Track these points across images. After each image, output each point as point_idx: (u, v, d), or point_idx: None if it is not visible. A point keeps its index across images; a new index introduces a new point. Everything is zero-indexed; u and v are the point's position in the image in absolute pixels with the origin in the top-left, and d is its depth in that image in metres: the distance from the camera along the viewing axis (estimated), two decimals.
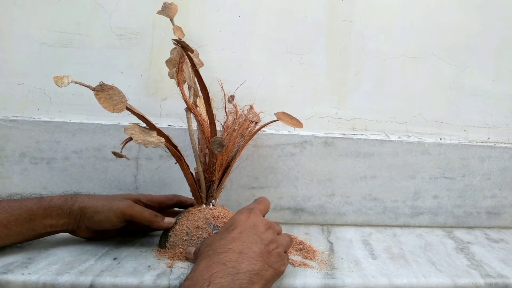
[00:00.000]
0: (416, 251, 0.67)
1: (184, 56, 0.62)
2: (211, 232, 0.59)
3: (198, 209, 0.63)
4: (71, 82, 0.53)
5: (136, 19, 0.75)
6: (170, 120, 0.76)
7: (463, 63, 0.82)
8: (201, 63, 0.71)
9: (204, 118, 0.64)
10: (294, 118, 0.65)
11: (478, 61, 0.82)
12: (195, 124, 0.65)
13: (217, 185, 0.64)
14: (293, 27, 0.77)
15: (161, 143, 0.55)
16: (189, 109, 0.64)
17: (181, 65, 0.63)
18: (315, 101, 0.79)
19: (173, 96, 0.75)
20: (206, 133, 0.63)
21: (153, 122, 0.59)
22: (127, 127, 0.54)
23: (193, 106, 0.64)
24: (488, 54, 0.82)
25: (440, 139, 0.82)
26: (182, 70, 0.63)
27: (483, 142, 0.83)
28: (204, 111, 0.64)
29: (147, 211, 0.60)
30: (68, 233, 0.60)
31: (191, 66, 0.61)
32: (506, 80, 0.83)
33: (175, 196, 0.68)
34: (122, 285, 0.51)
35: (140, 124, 0.58)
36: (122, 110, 0.55)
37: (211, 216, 0.61)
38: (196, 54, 0.71)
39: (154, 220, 0.60)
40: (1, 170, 0.72)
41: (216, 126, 0.62)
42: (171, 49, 0.64)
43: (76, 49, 0.74)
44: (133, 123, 0.56)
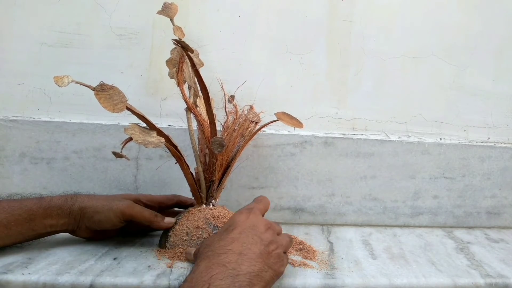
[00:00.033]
0: (416, 251, 0.67)
1: (184, 56, 0.62)
2: (211, 232, 0.59)
3: (198, 209, 0.63)
4: (71, 82, 0.53)
5: (136, 19, 0.75)
6: (170, 120, 0.76)
7: (463, 63, 0.82)
8: (201, 63, 0.71)
9: (204, 118, 0.64)
10: (294, 118, 0.65)
11: (478, 61, 0.82)
12: (195, 124, 0.65)
13: (217, 185, 0.64)
14: (293, 27, 0.77)
15: (161, 143, 0.55)
16: (189, 109, 0.64)
17: (181, 65, 0.63)
18: (315, 101, 0.79)
19: (173, 96, 0.75)
20: (206, 133, 0.63)
21: (153, 122, 0.59)
22: (127, 127, 0.54)
23: (193, 106, 0.64)
24: (488, 54, 0.82)
25: (440, 139, 0.82)
26: (182, 70, 0.63)
27: (483, 142, 0.83)
28: (204, 111, 0.64)
29: (147, 211, 0.60)
30: (68, 233, 0.60)
31: (191, 66, 0.61)
32: (506, 80, 0.83)
33: (175, 196, 0.68)
34: (122, 285, 0.51)
35: (140, 124, 0.58)
36: (122, 110, 0.55)
37: (211, 216, 0.61)
38: (196, 54, 0.71)
39: (154, 220, 0.60)
40: (1, 170, 0.72)
41: (216, 126, 0.62)
42: (171, 49, 0.64)
43: (76, 49, 0.74)
44: (133, 123, 0.56)
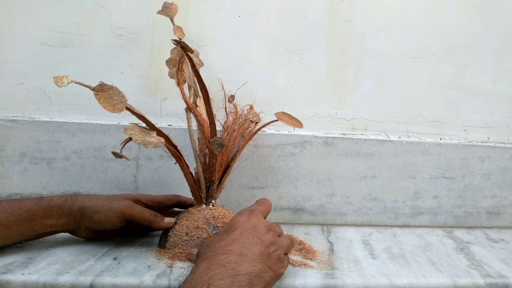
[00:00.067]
0: (416, 251, 0.67)
1: (184, 56, 0.62)
2: (211, 232, 0.59)
3: (198, 209, 0.63)
4: (71, 82, 0.53)
5: (136, 19, 0.75)
6: (170, 120, 0.76)
7: (463, 63, 0.82)
8: (201, 63, 0.71)
9: (204, 118, 0.64)
10: (294, 118, 0.65)
11: (478, 61, 0.82)
12: (195, 124, 0.65)
13: (217, 185, 0.64)
14: (293, 27, 0.77)
15: (161, 143, 0.55)
16: (189, 109, 0.64)
17: (181, 65, 0.63)
18: (315, 101, 0.79)
19: (173, 96, 0.75)
20: (206, 133, 0.63)
21: (153, 122, 0.59)
22: (126, 127, 0.54)
23: (193, 106, 0.64)
24: (488, 54, 0.82)
25: (440, 139, 0.82)
26: (182, 70, 0.63)
27: (483, 142, 0.83)
28: (204, 111, 0.64)
29: (147, 211, 0.60)
30: (68, 233, 0.60)
31: (191, 66, 0.61)
32: (506, 80, 0.83)
33: (175, 196, 0.68)
34: (122, 285, 0.51)
35: (140, 124, 0.58)
36: (122, 110, 0.55)
37: (210, 216, 0.61)
38: (196, 54, 0.71)
39: (154, 220, 0.60)
40: (1, 170, 0.73)
41: (216, 126, 0.62)
42: (171, 49, 0.64)
43: (76, 49, 0.74)
44: (133, 123, 0.56)
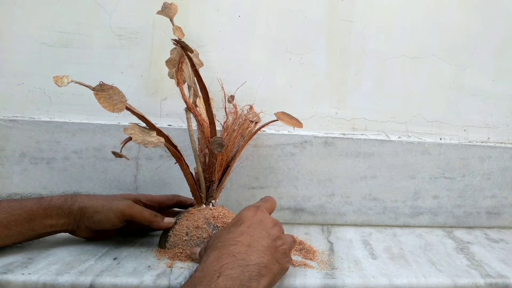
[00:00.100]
0: (416, 251, 0.67)
1: (184, 56, 0.62)
2: (211, 232, 0.59)
3: (198, 209, 0.63)
4: (71, 82, 0.53)
5: (136, 19, 0.75)
6: (170, 120, 0.76)
7: (463, 63, 0.82)
8: (201, 63, 0.71)
9: (204, 118, 0.64)
10: (294, 118, 0.65)
11: (478, 61, 0.82)
12: (195, 124, 0.65)
13: (217, 185, 0.64)
14: (293, 27, 0.77)
15: (160, 143, 0.55)
16: (189, 109, 0.64)
17: (181, 65, 0.63)
18: (315, 101, 0.79)
19: (173, 96, 0.75)
20: (206, 133, 0.63)
21: (153, 122, 0.59)
22: (126, 127, 0.54)
23: (193, 106, 0.64)
24: (488, 54, 0.82)
25: (440, 139, 0.82)
26: (182, 70, 0.63)
27: (483, 142, 0.83)
28: (204, 111, 0.64)
29: (147, 211, 0.60)
30: (68, 233, 0.60)
31: (190, 66, 0.61)
32: (506, 80, 0.83)
33: (175, 196, 0.68)
34: (122, 285, 0.51)
35: (140, 124, 0.58)
36: (121, 110, 0.55)
37: (210, 216, 0.61)
38: (196, 54, 0.71)
39: (154, 220, 0.60)
40: (1, 170, 0.73)
41: (216, 126, 0.62)
42: (171, 49, 0.64)
43: (76, 49, 0.74)
44: (133, 123, 0.56)
